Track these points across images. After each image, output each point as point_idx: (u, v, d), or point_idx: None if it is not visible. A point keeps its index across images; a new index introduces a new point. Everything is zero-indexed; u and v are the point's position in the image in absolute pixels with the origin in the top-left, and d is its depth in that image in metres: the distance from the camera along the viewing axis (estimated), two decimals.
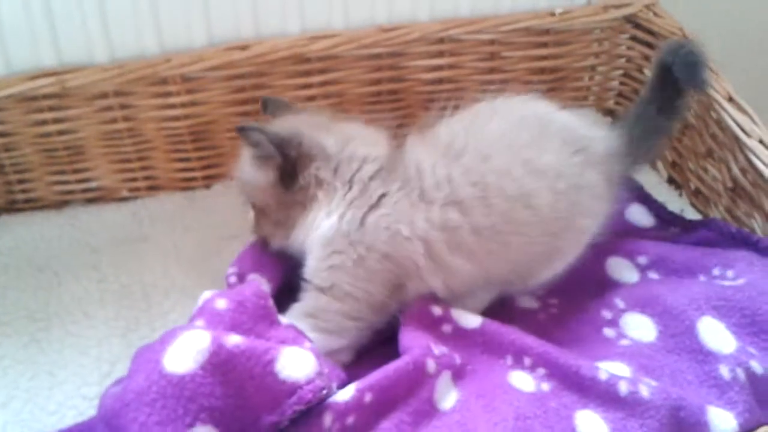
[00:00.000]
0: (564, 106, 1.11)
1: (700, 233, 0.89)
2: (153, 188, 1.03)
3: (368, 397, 0.65)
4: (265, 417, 0.63)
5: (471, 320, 0.73)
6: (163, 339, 0.65)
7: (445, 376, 0.70)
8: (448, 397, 0.69)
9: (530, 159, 0.76)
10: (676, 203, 1.00)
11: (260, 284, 0.72)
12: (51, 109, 0.94)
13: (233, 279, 0.77)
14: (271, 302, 0.70)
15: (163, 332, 0.66)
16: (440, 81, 1.07)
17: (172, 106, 0.98)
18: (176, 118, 0.99)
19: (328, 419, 0.63)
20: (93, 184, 1.01)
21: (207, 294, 0.70)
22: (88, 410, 0.72)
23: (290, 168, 0.77)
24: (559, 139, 0.79)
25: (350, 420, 0.64)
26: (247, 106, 1.01)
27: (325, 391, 0.64)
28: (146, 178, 1.03)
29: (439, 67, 1.06)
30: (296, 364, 0.64)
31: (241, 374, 0.63)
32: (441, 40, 1.04)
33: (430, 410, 0.68)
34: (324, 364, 0.67)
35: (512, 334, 0.72)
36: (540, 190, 0.75)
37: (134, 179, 1.02)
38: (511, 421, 0.66)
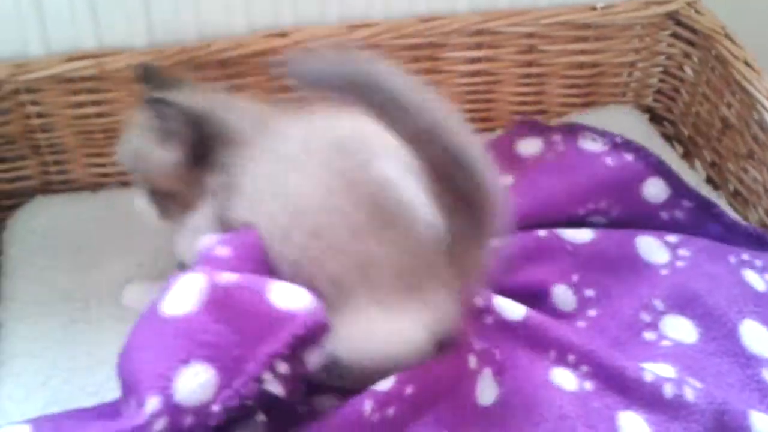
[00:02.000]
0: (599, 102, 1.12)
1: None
2: None
3: (409, 390, 0.65)
4: (261, 348, 0.61)
5: (514, 312, 0.73)
6: (164, 287, 0.65)
7: (487, 372, 0.69)
8: (489, 393, 0.69)
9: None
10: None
11: (260, 236, 0.69)
12: (89, 91, 0.94)
13: None
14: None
15: None
16: (477, 73, 1.06)
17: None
18: None
19: (368, 406, 0.63)
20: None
21: (208, 241, 0.70)
22: None
23: (200, 148, 0.73)
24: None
25: (390, 411, 0.64)
26: (285, 93, 1.00)
27: (322, 319, 0.62)
28: None
29: (477, 60, 1.05)
30: (291, 295, 0.63)
31: (235, 308, 0.63)
32: (480, 32, 1.03)
33: (471, 406, 0.67)
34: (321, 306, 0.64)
35: (557, 329, 0.72)
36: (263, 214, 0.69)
37: None
38: (552, 420, 0.66)
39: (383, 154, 0.67)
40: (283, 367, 0.62)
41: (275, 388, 0.63)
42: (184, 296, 0.64)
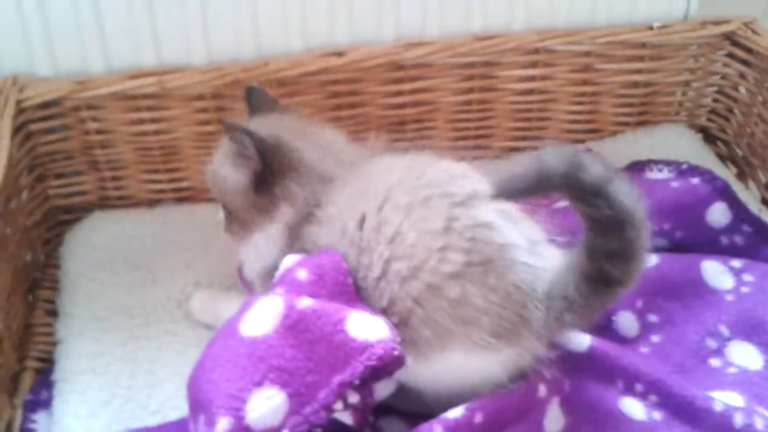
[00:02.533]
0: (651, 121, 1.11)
1: None
2: None
3: (478, 418, 0.64)
4: (334, 377, 0.62)
5: (578, 343, 0.72)
6: (242, 307, 0.66)
7: (555, 402, 0.68)
8: (557, 422, 0.68)
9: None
10: None
11: (341, 259, 0.69)
12: (149, 108, 0.95)
13: None
14: (350, 279, 0.69)
15: None
16: (531, 92, 1.06)
17: None
18: None
19: None
20: (184, 184, 1.01)
21: (288, 261, 0.70)
22: None
23: (266, 175, 0.75)
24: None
25: None
26: (341, 111, 1.01)
27: (396, 353, 0.62)
28: None
29: (532, 78, 1.05)
30: (367, 326, 0.63)
31: (311, 334, 0.63)
32: (536, 51, 1.03)
33: None
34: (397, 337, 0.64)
35: (623, 358, 0.71)
36: (377, 261, 0.67)
37: None
38: None
39: (481, 197, 0.68)
40: (354, 398, 0.62)
41: (344, 417, 0.63)
42: (262, 318, 0.64)
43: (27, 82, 0.91)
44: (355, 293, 0.68)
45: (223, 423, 0.59)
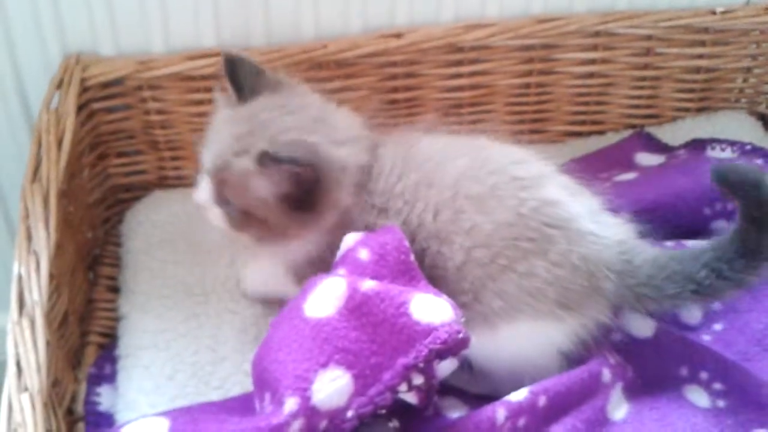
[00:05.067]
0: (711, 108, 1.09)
1: None
2: None
3: (542, 401, 0.64)
4: (398, 359, 0.62)
5: (643, 329, 0.71)
6: (305, 288, 0.67)
7: (618, 387, 0.68)
8: (621, 408, 0.67)
9: (465, 211, 0.70)
10: None
11: (403, 237, 0.70)
12: (207, 89, 0.95)
13: None
14: (412, 257, 0.69)
15: None
16: (591, 75, 1.04)
17: (323, 92, 0.97)
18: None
19: (501, 416, 0.63)
20: None
21: (349, 241, 0.70)
22: (251, 387, 0.73)
23: (307, 194, 0.71)
24: (515, 210, 0.69)
25: (522, 421, 0.63)
26: (397, 93, 1.00)
27: (461, 335, 0.62)
28: None
29: (592, 61, 1.03)
30: (431, 308, 0.63)
31: (375, 317, 0.63)
32: (597, 33, 1.01)
33: (603, 420, 0.66)
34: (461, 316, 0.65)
35: (688, 345, 0.70)
36: (458, 251, 0.69)
37: None
38: None
39: (545, 176, 0.71)
40: (418, 379, 0.62)
41: (409, 398, 0.63)
42: (326, 300, 0.65)
43: (90, 61, 0.92)
44: (418, 271, 0.68)
45: (291, 403, 0.60)
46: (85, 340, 0.84)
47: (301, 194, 0.71)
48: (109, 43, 0.93)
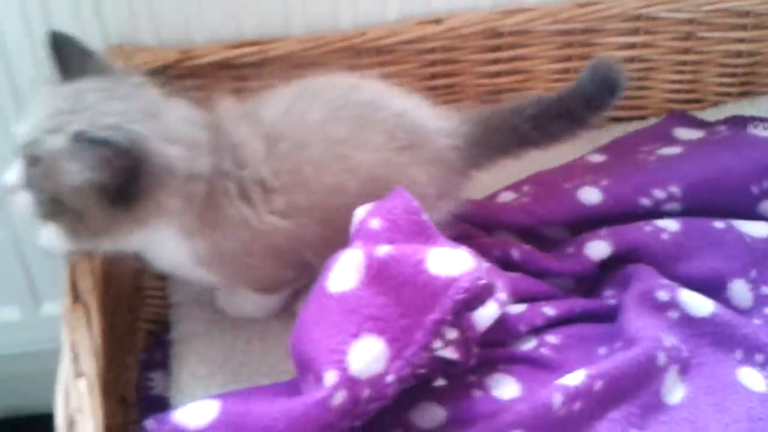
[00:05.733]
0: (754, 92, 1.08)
1: None
2: None
3: (598, 385, 0.64)
4: (427, 316, 0.61)
5: (701, 308, 0.70)
6: (326, 266, 0.66)
7: (673, 370, 0.67)
8: (676, 392, 0.67)
9: (345, 155, 0.72)
10: None
11: (411, 197, 0.70)
12: (249, 77, 0.96)
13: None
14: (424, 216, 0.69)
15: None
16: (631, 60, 1.03)
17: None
18: None
19: (557, 400, 0.62)
20: None
21: (360, 213, 0.70)
22: None
23: (125, 183, 0.65)
24: (382, 132, 0.74)
25: (577, 405, 0.63)
26: (436, 80, 1.00)
27: (483, 281, 0.62)
28: None
29: (632, 45, 1.02)
30: (449, 261, 0.63)
31: (395, 280, 0.63)
32: (637, 18, 1.00)
33: (658, 404, 0.66)
34: (483, 264, 0.66)
35: (745, 327, 0.69)
36: (351, 186, 0.72)
37: None
38: (744, 422, 0.64)
39: (382, 91, 0.77)
40: (452, 333, 0.62)
41: (448, 353, 0.63)
42: (346, 272, 0.65)
43: (133, 51, 0.92)
44: (433, 229, 0.68)
45: (330, 376, 0.60)
46: (134, 327, 0.85)
47: (118, 186, 0.65)
48: (149, 33, 0.94)
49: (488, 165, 0.79)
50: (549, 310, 0.74)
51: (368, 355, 0.60)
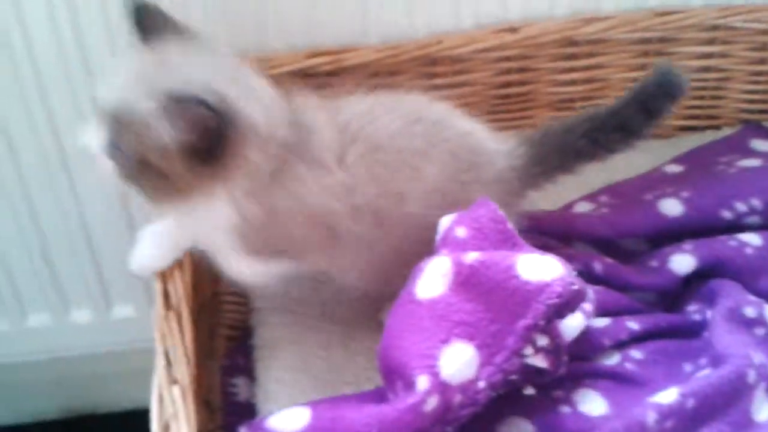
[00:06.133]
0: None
1: None
2: None
3: (690, 403, 0.63)
4: (518, 322, 0.62)
5: None
6: (414, 274, 0.67)
7: (761, 388, 0.67)
8: (764, 410, 0.66)
9: (415, 166, 0.73)
10: None
11: (496, 207, 0.70)
12: (324, 87, 0.97)
13: None
14: (509, 225, 0.69)
15: None
16: (707, 69, 1.02)
17: (436, 87, 0.98)
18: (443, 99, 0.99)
19: (651, 419, 0.62)
20: None
21: (446, 221, 0.70)
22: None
23: (215, 145, 0.66)
24: (449, 150, 0.74)
25: (669, 423, 0.63)
26: (510, 88, 1.00)
27: (575, 287, 0.62)
28: None
29: (708, 55, 1.01)
30: (539, 266, 0.63)
31: (485, 285, 0.63)
32: (715, 27, 0.99)
33: (747, 422, 0.65)
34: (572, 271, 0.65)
35: None
36: (416, 196, 0.73)
37: None
38: None
39: (448, 111, 0.78)
40: (543, 340, 0.63)
41: (538, 361, 0.63)
42: (434, 279, 0.65)
43: None
44: (518, 237, 0.68)
45: (422, 381, 0.61)
46: (214, 333, 0.86)
47: (206, 145, 0.66)
48: (228, 41, 0.94)
49: (545, 184, 0.80)
50: (633, 324, 0.73)
51: (459, 361, 0.61)
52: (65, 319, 1.10)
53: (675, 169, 0.93)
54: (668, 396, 0.63)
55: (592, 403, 0.67)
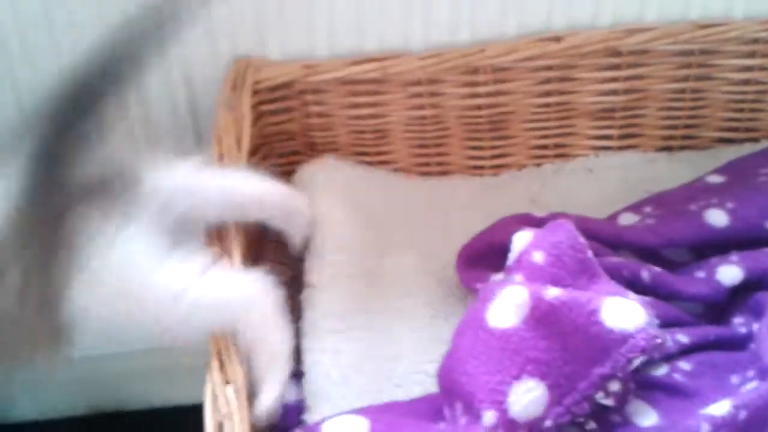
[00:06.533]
0: None
1: None
2: (443, 173, 1.05)
3: (742, 415, 0.64)
4: (594, 369, 0.62)
5: None
6: (484, 297, 0.67)
7: None
8: None
9: None
10: None
11: (577, 233, 0.69)
12: (368, 93, 0.98)
13: None
14: (589, 254, 0.68)
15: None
16: (746, 82, 1.02)
17: (477, 96, 0.99)
18: (479, 107, 1.00)
19: (704, 430, 0.62)
20: (391, 166, 1.04)
21: (521, 242, 0.69)
22: (432, 388, 0.74)
23: None
24: None
25: None
26: (549, 98, 1.01)
27: (659, 340, 0.62)
28: (439, 163, 1.05)
29: (749, 68, 1.01)
30: (623, 313, 0.63)
31: (564, 326, 0.63)
32: (756, 41, 0.99)
33: None
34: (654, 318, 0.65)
35: None
36: None
37: (427, 164, 1.05)
38: None
39: None
40: (615, 386, 0.63)
41: (604, 401, 0.64)
42: (509, 309, 0.65)
43: (261, 65, 0.95)
44: (598, 267, 0.69)
45: (489, 416, 0.62)
46: None
47: None
48: (276, 47, 0.96)
49: None
50: (683, 337, 0.74)
51: (528, 398, 0.61)
52: None
53: (716, 179, 0.93)
54: (721, 408, 0.63)
55: (644, 414, 0.68)
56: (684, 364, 0.73)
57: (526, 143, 1.04)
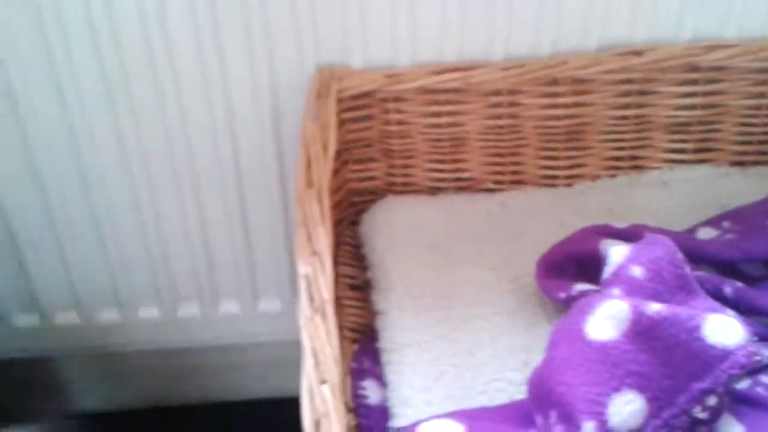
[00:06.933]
0: None
1: None
2: (516, 182, 1.07)
3: None
4: (694, 384, 0.63)
5: None
6: (582, 309, 0.68)
7: None
8: None
9: None
10: None
11: (676, 248, 0.70)
12: (447, 102, 1.00)
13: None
14: (687, 270, 0.70)
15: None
16: None
17: (556, 106, 1.01)
18: (557, 118, 1.01)
19: None
20: (465, 174, 1.06)
21: (617, 256, 0.70)
22: (516, 395, 0.76)
23: None
24: None
25: None
26: (627, 110, 1.02)
27: (758, 357, 0.64)
28: (513, 172, 1.06)
29: None
30: (723, 330, 0.64)
31: (665, 341, 0.64)
32: None
33: None
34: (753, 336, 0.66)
35: None
36: None
37: (501, 173, 1.06)
38: None
39: None
40: (712, 400, 0.64)
41: (701, 415, 0.65)
42: (608, 322, 0.67)
43: (343, 74, 0.97)
44: (695, 284, 0.69)
45: (589, 427, 0.63)
46: (339, 335, 0.89)
47: None
48: (359, 57, 0.98)
49: None
50: (765, 352, 0.74)
51: (627, 410, 0.63)
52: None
53: None
54: None
55: (730, 428, 0.68)
56: (766, 378, 0.73)
57: (601, 154, 1.05)
